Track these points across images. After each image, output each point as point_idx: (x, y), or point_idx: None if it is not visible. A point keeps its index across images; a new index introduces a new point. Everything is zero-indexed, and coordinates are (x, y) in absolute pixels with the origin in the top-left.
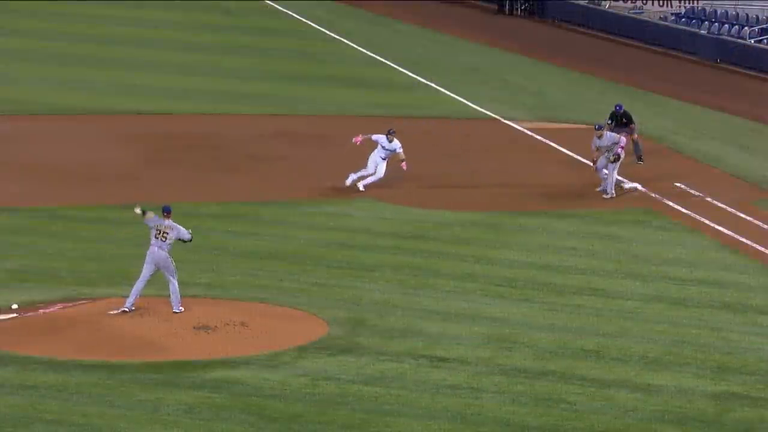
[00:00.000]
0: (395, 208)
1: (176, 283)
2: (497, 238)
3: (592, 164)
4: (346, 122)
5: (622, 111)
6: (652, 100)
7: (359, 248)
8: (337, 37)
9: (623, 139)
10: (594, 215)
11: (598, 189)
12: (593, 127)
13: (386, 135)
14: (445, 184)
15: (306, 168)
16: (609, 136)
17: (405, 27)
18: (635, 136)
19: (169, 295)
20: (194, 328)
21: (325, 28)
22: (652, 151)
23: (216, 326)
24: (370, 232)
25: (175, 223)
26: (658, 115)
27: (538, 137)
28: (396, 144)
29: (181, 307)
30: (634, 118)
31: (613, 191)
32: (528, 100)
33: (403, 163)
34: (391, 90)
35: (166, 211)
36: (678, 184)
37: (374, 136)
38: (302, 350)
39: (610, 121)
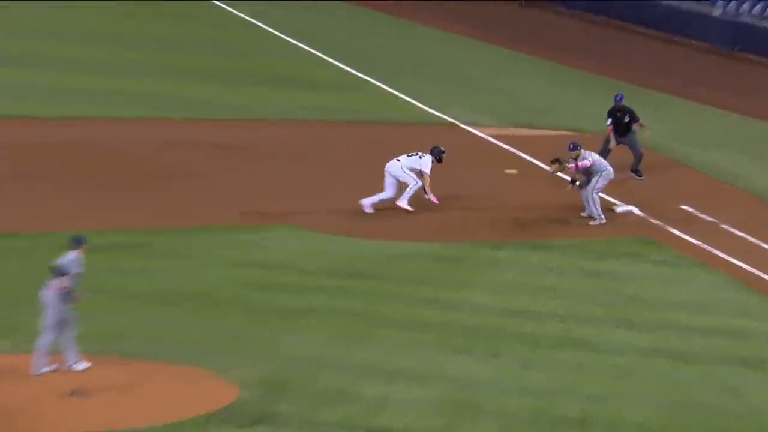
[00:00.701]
0: (329, 238)
1: (52, 338)
2: (457, 275)
3: (570, 184)
4: (271, 129)
5: (621, 102)
6: (653, 100)
7: (282, 289)
8: (268, 28)
9: (587, 157)
10: (579, 246)
11: (583, 214)
12: (567, 147)
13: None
14: (393, 206)
15: (216, 186)
16: (591, 157)
17: (354, 11)
18: (647, 133)
19: (35, 351)
20: (64, 394)
21: (252, 17)
22: (652, 164)
23: (93, 391)
24: (296, 269)
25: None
26: (660, 119)
27: (510, 148)
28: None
29: (47, 368)
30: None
31: (602, 216)
32: (500, 103)
33: (430, 195)
34: (331, 90)
35: (76, 243)
36: (684, 207)
37: (423, 169)
38: (204, 421)
39: (609, 122)
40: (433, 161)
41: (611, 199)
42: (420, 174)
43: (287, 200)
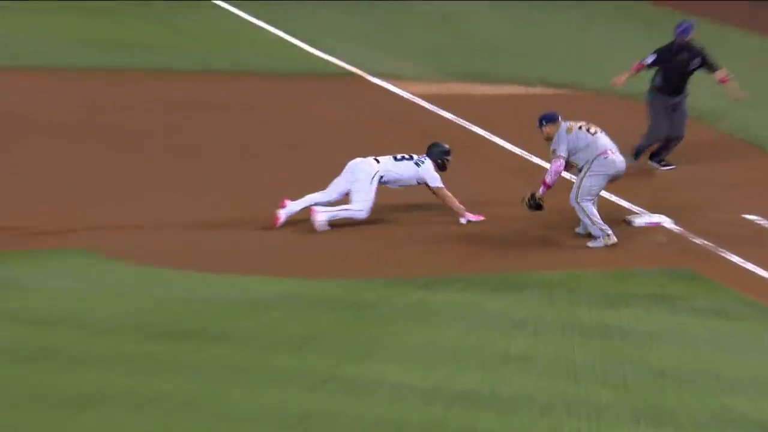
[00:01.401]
0: (142, 270)
1: None
2: (365, 335)
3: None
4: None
5: (687, 37)
6: (708, 36)
7: (55, 358)
8: None
9: (556, 164)
10: (571, 284)
11: (578, 230)
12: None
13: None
14: (261, 210)
15: None
16: (583, 137)
17: None
18: (739, 93)
19: None
20: None
21: None
22: (699, 144)
23: None
24: (81, 325)
25: None
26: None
27: (453, 117)
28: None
29: None
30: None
31: (609, 232)
32: (441, 43)
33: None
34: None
35: None
36: (750, 217)
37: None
38: None
39: (651, 60)
40: (435, 168)
41: (625, 204)
42: (426, 186)
43: (79, 207)
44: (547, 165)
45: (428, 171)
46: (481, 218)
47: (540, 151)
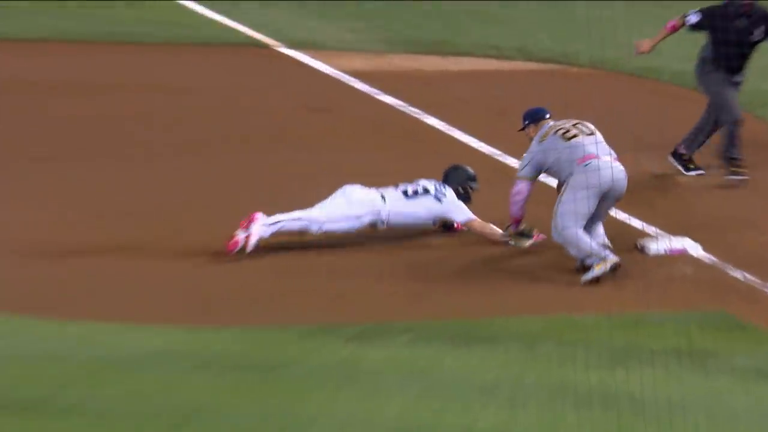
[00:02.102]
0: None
1: None
2: (269, 407)
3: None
4: None
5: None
6: None
7: None
8: None
9: (514, 189)
10: (562, 335)
11: (578, 265)
12: (523, 124)
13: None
14: (135, 229)
15: None
16: (554, 145)
17: None
18: None
19: None
20: None
21: None
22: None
23: None
24: None
25: None
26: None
27: (410, 109)
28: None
29: None
30: None
31: (604, 255)
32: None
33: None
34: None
35: None
36: None
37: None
38: None
39: (694, 19)
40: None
41: (636, 224)
42: (443, 224)
43: None
44: None
45: (453, 204)
46: (541, 238)
47: (518, 149)
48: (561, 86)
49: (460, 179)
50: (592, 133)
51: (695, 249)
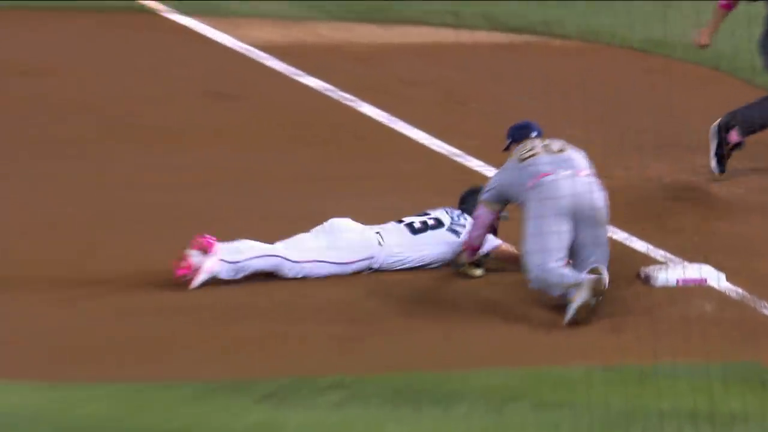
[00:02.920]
0: None
1: None
2: None
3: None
4: None
5: None
6: None
7: None
8: None
9: (475, 215)
10: (541, 393)
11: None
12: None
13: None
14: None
15: None
16: (513, 167)
17: None
18: None
19: None
20: None
21: None
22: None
23: None
24: None
25: None
26: None
27: (341, 94)
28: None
29: None
30: None
31: (580, 279)
32: None
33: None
34: None
35: None
36: None
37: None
38: None
39: None
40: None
41: (639, 246)
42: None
43: None
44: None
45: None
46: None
47: (482, 147)
48: (539, 64)
49: (473, 200)
50: (561, 150)
51: (717, 279)
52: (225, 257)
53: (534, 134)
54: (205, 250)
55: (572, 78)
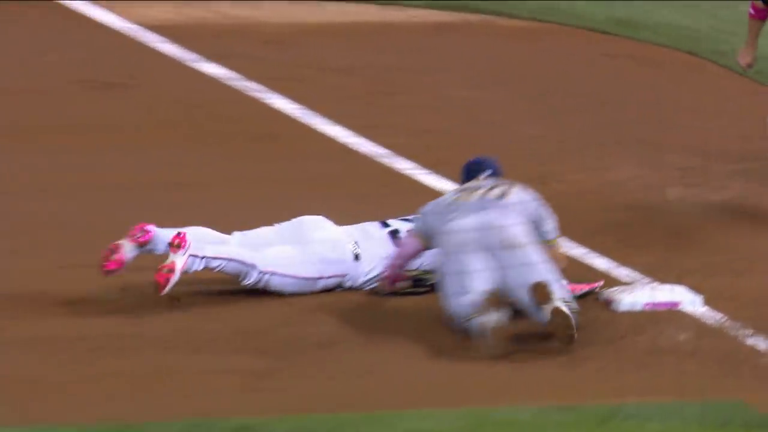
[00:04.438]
0: None
1: None
2: None
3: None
4: None
5: None
6: None
7: None
8: None
9: (402, 242)
10: None
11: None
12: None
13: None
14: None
15: None
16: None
17: None
18: None
19: None
20: None
21: None
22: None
23: None
24: None
25: None
26: None
27: (246, 84)
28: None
29: None
30: None
31: (483, 320)
32: None
33: None
34: None
35: None
36: None
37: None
38: None
39: None
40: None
41: (600, 264)
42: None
43: None
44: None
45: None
46: (599, 284)
47: (416, 147)
48: (484, 48)
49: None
50: (501, 196)
51: (693, 303)
52: (196, 252)
53: (485, 174)
54: (179, 246)
55: (523, 64)
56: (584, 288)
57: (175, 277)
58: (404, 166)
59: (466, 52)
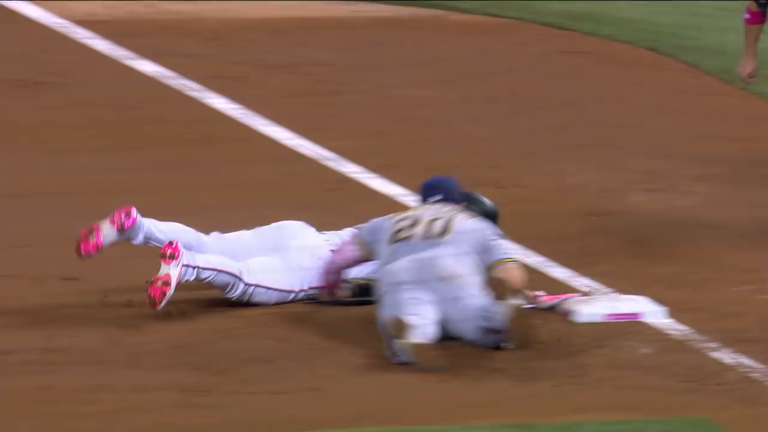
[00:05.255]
0: None
1: None
2: None
3: None
4: None
5: None
6: None
7: None
8: None
9: (340, 247)
10: None
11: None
12: None
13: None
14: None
15: None
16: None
17: None
18: None
19: None
20: None
21: None
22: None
23: None
24: None
25: None
26: None
27: (184, 82)
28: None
29: None
30: None
31: (397, 346)
32: None
33: None
34: None
35: None
36: None
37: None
38: None
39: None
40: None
41: (557, 274)
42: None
43: None
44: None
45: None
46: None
47: (361, 150)
48: (433, 44)
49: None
50: (441, 234)
51: (656, 315)
52: (188, 262)
53: (435, 198)
54: (172, 256)
55: (475, 62)
56: (558, 299)
57: (171, 291)
58: (350, 169)
59: (414, 49)
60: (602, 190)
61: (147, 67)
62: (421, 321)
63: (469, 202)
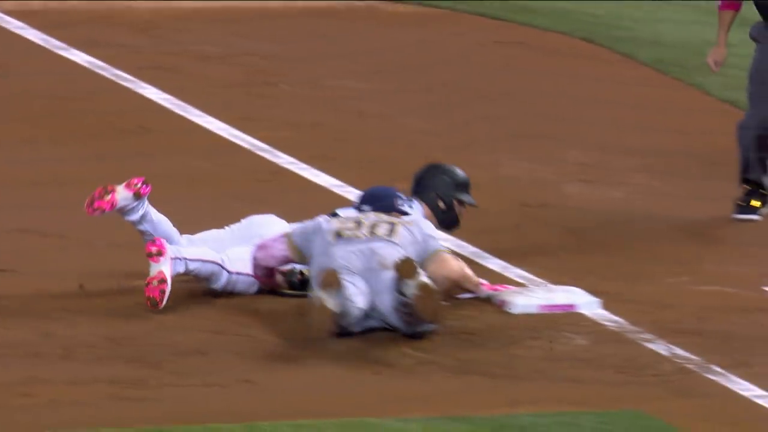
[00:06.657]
0: None
1: None
2: None
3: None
4: None
5: None
6: None
7: None
8: None
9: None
10: None
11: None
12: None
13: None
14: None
15: None
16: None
17: None
18: None
19: None
20: None
21: None
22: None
23: None
24: None
25: None
26: None
27: (117, 73)
28: None
29: None
30: None
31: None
32: None
33: None
34: None
35: None
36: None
37: None
38: None
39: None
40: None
41: (493, 265)
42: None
43: None
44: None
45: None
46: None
47: (296, 141)
48: (368, 35)
49: (442, 188)
50: (389, 234)
51: (590, 305)
52: (175, 254)
53: (369, 208)
54: (159, 254)
55: (409, 53)
56: (499, 288)
57: (168, 287)
58: (285, 160)
59: (349, 40)
60: (537, 181)
61: (80, 57)
62: (353, 290)
63: (441, 173)
